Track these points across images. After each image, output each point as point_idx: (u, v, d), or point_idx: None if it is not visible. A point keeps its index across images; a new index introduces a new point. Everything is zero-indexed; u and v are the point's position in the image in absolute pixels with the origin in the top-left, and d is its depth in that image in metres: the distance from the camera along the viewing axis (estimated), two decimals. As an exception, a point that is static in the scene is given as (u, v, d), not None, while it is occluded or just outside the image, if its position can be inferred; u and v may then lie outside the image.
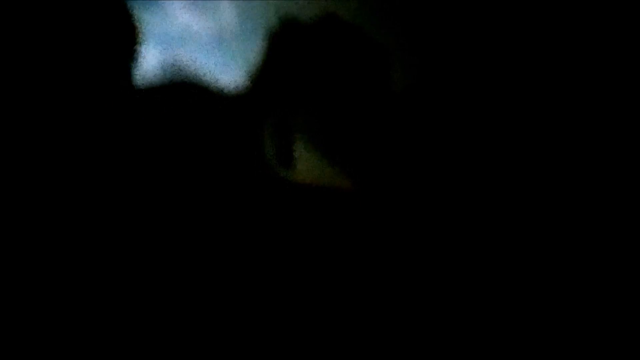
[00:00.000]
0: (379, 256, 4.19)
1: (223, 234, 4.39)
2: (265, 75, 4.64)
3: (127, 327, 3.73)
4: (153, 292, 3.89)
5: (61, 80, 3.99)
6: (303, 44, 4.58)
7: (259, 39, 4.75)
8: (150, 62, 4.98)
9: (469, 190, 4.29)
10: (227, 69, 4.90)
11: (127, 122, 4.65)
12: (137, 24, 4.62)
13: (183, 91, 5.38)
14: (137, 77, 4.69)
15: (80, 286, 3.70)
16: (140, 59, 4.72)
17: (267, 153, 4.61)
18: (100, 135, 4.24)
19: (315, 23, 4.47)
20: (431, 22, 4.31)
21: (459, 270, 4.07)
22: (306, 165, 4.43)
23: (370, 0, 4.15)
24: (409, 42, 4.33)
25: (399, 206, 4.44)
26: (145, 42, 4.65)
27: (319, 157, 4.51)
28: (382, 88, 4.54)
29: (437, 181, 4.42)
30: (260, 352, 3.80)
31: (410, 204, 4.51)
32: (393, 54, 4.49)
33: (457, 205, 4.29)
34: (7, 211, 3.57)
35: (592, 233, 3.91)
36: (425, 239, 4.22)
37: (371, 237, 4.37)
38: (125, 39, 4.59)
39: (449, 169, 4.40)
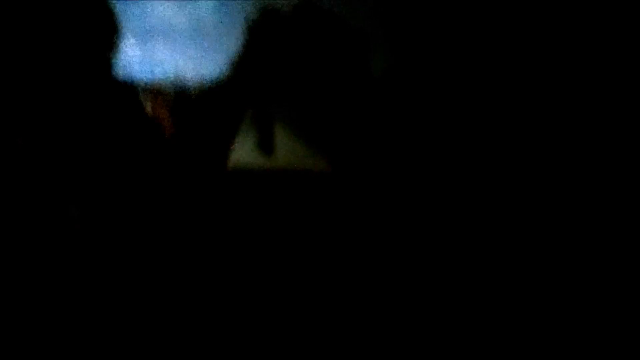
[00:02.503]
0: (362, 242, 4.20)
1: (205, 223, 4.38)
2: (245, 66, 4.66)
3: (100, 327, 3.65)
4: (136, 288, 3.85)
5: (39, 77, 3.96)
6: (282, 33, 4.60)
7: (238, 30, 4.76)
8: (129, 56, 4.97)
9: (451, 177, 4.33)
10: (206, 62, 4.92)
11: (107, 117, 4.63)
12: (116, 18, 4.60)
13: (162, 84, 5.34)
14: (117, 71, 4.68)
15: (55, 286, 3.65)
16: (119, 54, 4.71)
17: (249, 141, 4.62)
18: (80, 130, 4.21)
19: (294, 11, 4.50)
20: (410, 7, 4.36)
21: (440, 257, 4.08)
22: (287, 151, 4.46)
23: None
24: (388, 27, 4.37)
25: (380, 191, 4.46)
26: (124, 37, 4.64)
27: (300, 143, 4.54)
28: (362, 74, 4.59)
29: (418, 166, 4.45)
30: (241, 345, 3.80)
31: (391, 189, 4.52)
32: (372, 39, 4.53)
33: (438, 192, 4.32)
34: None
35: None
36: (407, 225, 4.24)
37: (352, 221, 4.38)
38: (104, 33, 4.57)
39: (430, 154, 4.43)
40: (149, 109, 5.41)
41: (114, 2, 4.66)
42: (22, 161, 3.96)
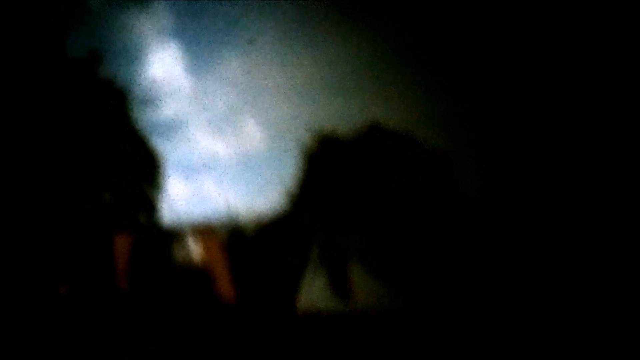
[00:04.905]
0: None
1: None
2: (305, 195, 4.02)
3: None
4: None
5: (88, 227, 3.63)
6: (344, 160, 4.00)
7: (291, 157, 4.24)
8: (176, 193, 4.44)
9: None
10: (259, 196, 4.38)
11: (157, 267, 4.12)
12: (159, 155, 4.16)
13: (214, 223, 4.66)
14: (163, 212, 4.17)
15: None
16: (164, 193, 4.20)
17: (320, 282, 3.92)
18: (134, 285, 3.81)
19: (356, 135, 3.95)
20: (486, 126, 3.85)
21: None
22: (365, 291, 3.69)
23: (420, 107, 3.65)
24: (469, 149, 3.83)
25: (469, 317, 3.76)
26: (169, 173, 4.14)
27: (377, 280, 3.79)
28: (445, 198, 3.95)
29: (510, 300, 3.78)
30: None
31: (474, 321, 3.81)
32: (447, 161, 3.95)
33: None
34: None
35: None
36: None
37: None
38: (148, 172, 3.99)
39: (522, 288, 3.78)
40: (201, 251, 4.66)
41: (155, 139, 4.21)
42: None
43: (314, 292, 3.63)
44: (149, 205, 4.73)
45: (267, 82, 6.12)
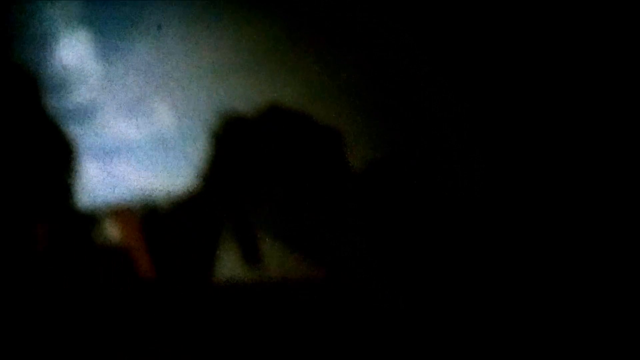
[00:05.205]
0: (359, 347, 4.05)
1: (195, 343, 4.16)
2: (214, 175, 4.41)
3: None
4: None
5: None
6: (249, 138, 4.40)
7: (200, 138, 4.55)
8: (90, 179, 4.70)
9: (442, 275, 4.19)
10: (172, 176, 4.65)
11: (73, 246, 4.45)
12: (72, 141, 4.43)
13: (129, 204, 5.04)
14: (78, 196, 4.46)
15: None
16: (78, 176, 4.47)
17: (232, 254, 4.31)
18: (44, 265, 4.13)
19: (259, 116, 4.34)
20: (384, 102, 4.27)
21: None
22: (274, 260, 4.22)
23: (314, 85, 4.08)
24: (356, 123, 4.25)
25: (377, 286, 4.27)
26: (84, 159, 4.41)
27: (286, 249, 4.31)
28: (338, 171, 4.39)
29: (406, 262, 4.29)
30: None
31: (385, 283, 4.34)
32: (342, 134, 4.38)
33: (432, 287, 4.18)
34: None
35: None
36: (402, 324, 4.09)
37: (351, 324, 4.18)
38: (61, 157, 4.36)
39: (414, 243, 4.28)
40: (117, 232, 5.04)
41: (68, 124, 4.39)
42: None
43: (227, 264, 3.81)
44: (66, 191, 4.76)
45: (176, 66, 6.25)
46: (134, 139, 5.24)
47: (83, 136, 5.13)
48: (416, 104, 4.69)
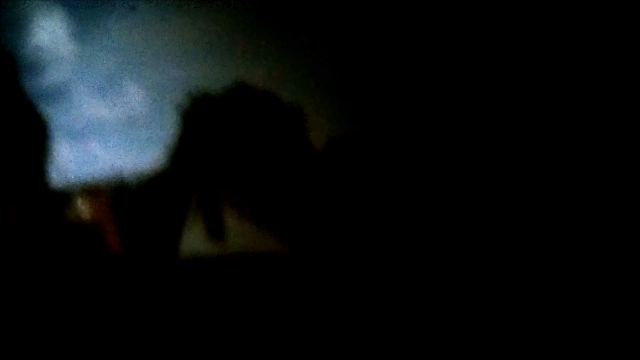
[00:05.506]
0: (323, 323, 4.16)
1: (161, 315, 4.27)
2: (182, 153, 4.54)
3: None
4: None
5: None
6: (217, 116, 4.54)
7: (170, 118, 4.72)
8: (61, 157, 4.91)
9: (403, 243, 4.33)
10: (141, 154, 4.87)
11: (45, 223, 4.55)
12: (46, 120, 4.62)
13: (100, 182, 5.19)
14: (51, 174, 4.61)
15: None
16: (51, 155, 4.66)
17: (197, 229, 4.47)
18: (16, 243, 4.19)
19: (226, 94, 4.46)
20: (344, 81, 4.42)
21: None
22: (238, 234, 4.34)
23: (280, 65, 4.24)
24: (321, 101, 4.41)
25: (339, 262, 4.43)
26: (55, 137, 4.63)
27: (250, 225, 4.43)
28: (300, 148, 4.54)
29: (367, 233, 4.44)
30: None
31: (348, 259, 4.49)
32: (305, 113, 4.53)
33: (395, 261, 4.33)
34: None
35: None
36: (368, 301, 4.24)
37: (313, 297, 4.33)
38: (35, 136, 4.53)
39: (376, 223, 4.43)
40: (88, 209, 5.20)
41: (40, 103, 4.63)
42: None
43: (193, 239, 3.95)
44: (39, 170, 4.84)
45: (147, 47, 6.37)
46: (105, 118, 5.29)
47: (55, 115, 5.17)
48: (379, 84, 4.81)
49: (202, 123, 4.40)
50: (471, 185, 4.21)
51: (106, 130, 5.20)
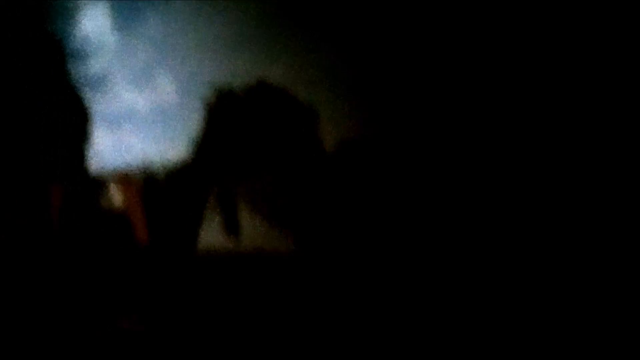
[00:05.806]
0: (334, 322, 4.25)
1: (177, 307, 4.47)
2: (206, 146, 4.67)
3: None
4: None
5: (16, 168, 4.23)
6: (238, 113, 4.64)
7: (197, 111, 4.83)
8: (98, 145, 5.11)
9: (414, 247, 4.36)
10: (170, 145, 5.01)
11: (82, 204, 4.77)
12: (88, 108, 4.81)
13: (132, 171, 5.40)
14: (90, 161, 4.81)
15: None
16: (91, 139, 4.87)
17: (215, 224, 4.62)
18: (53, 222, 4.43)
19: (247, 92, 4.55)
20: (365, 82, 4.43)
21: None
22: (252, 231, 4.46)
23: (295, 64, 4.29)
24: (341, 101, 4.45)
25: (351, 264, 4.49)
26: (94, 122, 4.83)
27: (265, 223, 4.54)
28: (313, 148, 4.58)
29: (381, 237, 4.48)
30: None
31: (361, 262, 4.55)
32: (324, 113, 4.57)
33: (405, 264, 4.37)
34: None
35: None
36: (377, 301, 4.30)
37: (321, 301, 4.40)
38: (77, 122, 4.73)
39: (390, 223, 4.45)
40: (121, 196, 5.43)
41: (83, 89, 4.85)
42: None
43: (210, 233, 4.07)
44: (79, 156, 5.08)
45: (180, 41, 6.51)
46: (139, 108, 5.48)
47: (95, 104, 5.41)
48: (393, 88, 4.78)
49: (224, 119, 4.49)
50: (489, 188, 4.16)
51: (139, 119, 5.48)
